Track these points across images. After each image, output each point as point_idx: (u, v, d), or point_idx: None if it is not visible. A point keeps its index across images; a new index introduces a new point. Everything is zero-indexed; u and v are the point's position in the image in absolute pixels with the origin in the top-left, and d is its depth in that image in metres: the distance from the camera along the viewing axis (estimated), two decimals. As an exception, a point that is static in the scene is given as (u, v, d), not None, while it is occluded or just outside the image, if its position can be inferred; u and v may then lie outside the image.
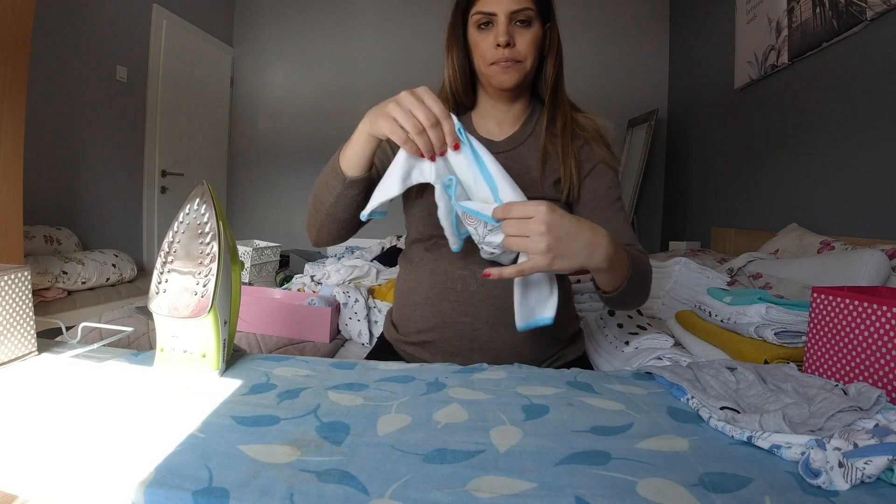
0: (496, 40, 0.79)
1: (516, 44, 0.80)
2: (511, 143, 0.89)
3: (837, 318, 0.62)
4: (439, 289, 0.85)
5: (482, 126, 0.91)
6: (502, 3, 0.79)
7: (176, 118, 3.54)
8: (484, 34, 0.81)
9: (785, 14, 2.16)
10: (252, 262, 2.25)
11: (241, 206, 4.30)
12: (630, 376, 0.67)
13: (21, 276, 0.63)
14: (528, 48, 0.81)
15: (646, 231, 3.71)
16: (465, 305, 0.84)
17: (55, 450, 0.41)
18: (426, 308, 0.86)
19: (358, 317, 1.37)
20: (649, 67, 3.73)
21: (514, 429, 0.48)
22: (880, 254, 1.31)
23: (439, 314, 0.85)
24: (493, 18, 0.80)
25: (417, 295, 0.88)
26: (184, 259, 0.59)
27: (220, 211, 0.60)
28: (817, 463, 0.39)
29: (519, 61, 0.81)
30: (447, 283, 0.85)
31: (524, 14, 0.80)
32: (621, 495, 0.37)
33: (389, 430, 0.48)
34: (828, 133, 1.95)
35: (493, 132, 0.90)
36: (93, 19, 2.84)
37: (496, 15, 0.79)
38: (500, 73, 0.82)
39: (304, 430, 0.47)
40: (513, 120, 0.91)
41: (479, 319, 0.84)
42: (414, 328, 0.88)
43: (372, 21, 4.03)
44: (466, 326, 0.84)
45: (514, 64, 0.81)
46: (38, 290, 2.23)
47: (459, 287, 0.84)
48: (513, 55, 0.80)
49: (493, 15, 0.79)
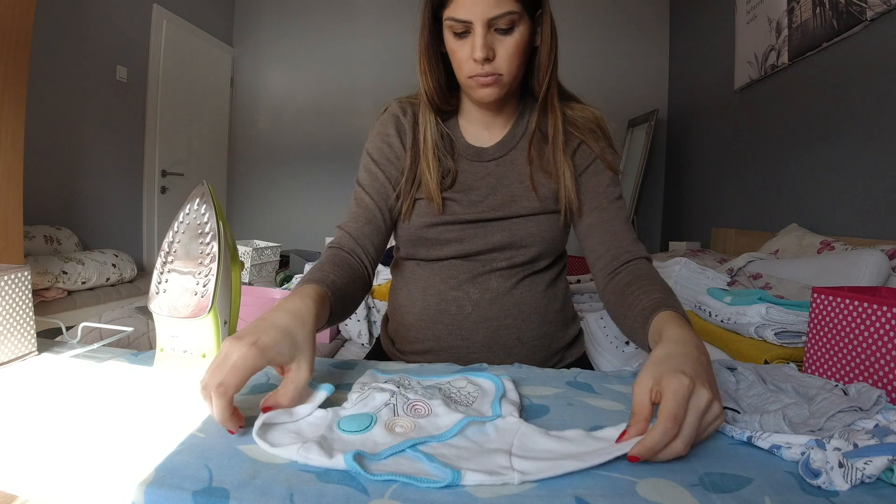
0: (472, 53, 0.69)
1: (496, 55, 0.70)
2: (502, 148, 0.82)
3: (837, 319, 0.62)
4: (433, 310, 0.81)
5: (470, 132, 0.83)
6: (478, 8, 0.67)
7: (176, 118, 3.54)
8: (460, 43, 0.71)
9: (785, 14, 2.16)
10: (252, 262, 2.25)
11: (241, 206, 4.31)
12: (630, 376, 0.67)
13: (21, 276, 0.63)
14: (509, 59, 0.70)
15: (646, 231, 3.72)
16: (459, 329, 0.80)
17: (55, 450, 0.41)
18: (420, 330, 0.82)
19: (358, 317, 1.37)
20: (649, 67, 3.73)
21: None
22: (880, 254, 1.31)
23: (433, 337, 0.81)
24: (468, 26, 0.68)
25: (411, 315, 0.84)
26: (184, 259, 0.59)
27: (220, 211, 0.60)
28: (817, 463, 0.39)
29: (500, 74, 0.71)
30: (440, 304, 0.81)
31: (505, 21, 0.68)
32: (621, 495, 0.37)
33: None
34: (828, 133, 1.95)
35: (481, 138, 0.83)
36: (93, 19, 2.84)
37: (472, 23, 0.68)
38: (478, 88, 0.73)
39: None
40: (503, 122, 0.83)
41: (475, 343, 0.81)
42: (409, 348, 0.85)
43: (372, 21, 4.03)
44: (462, 350, 0.81)
45: (494, 79, 0.71)
46: (38, 290, 2.23)
47: (454, 310, 0.81)
48: (493, 69, 0.70)
49: (468, 23, 0.68)
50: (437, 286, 0.82)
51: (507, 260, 0.80)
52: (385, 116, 0.84)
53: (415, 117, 0.82)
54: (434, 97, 0.78)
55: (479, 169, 0.82)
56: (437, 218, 0.79)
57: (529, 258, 0.80)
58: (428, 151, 0.79)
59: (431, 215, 0.79)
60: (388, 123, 0.82)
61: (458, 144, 0.83)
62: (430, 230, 0.80)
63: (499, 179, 0.81)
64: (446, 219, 0.79)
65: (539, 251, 0.80)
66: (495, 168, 0.82)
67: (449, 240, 0.80)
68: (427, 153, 0.79)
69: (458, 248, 0.80)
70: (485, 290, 0.80)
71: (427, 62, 0.76)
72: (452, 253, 0.80)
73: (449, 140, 0.82)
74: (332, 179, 4.11)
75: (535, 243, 0.80)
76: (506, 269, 0.81)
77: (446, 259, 0.81)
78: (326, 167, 4.12)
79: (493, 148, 0.82)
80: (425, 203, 0.80)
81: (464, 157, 0.82)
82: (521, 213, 0.79)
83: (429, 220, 0.79)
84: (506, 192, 0.80)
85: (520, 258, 0.80)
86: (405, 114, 0.82)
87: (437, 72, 0.77)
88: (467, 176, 0.81)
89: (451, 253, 0.80)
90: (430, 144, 0.79)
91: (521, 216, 0.79)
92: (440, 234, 0.80)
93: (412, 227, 0.80)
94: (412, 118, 0.82)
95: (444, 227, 0.79)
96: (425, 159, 0.79)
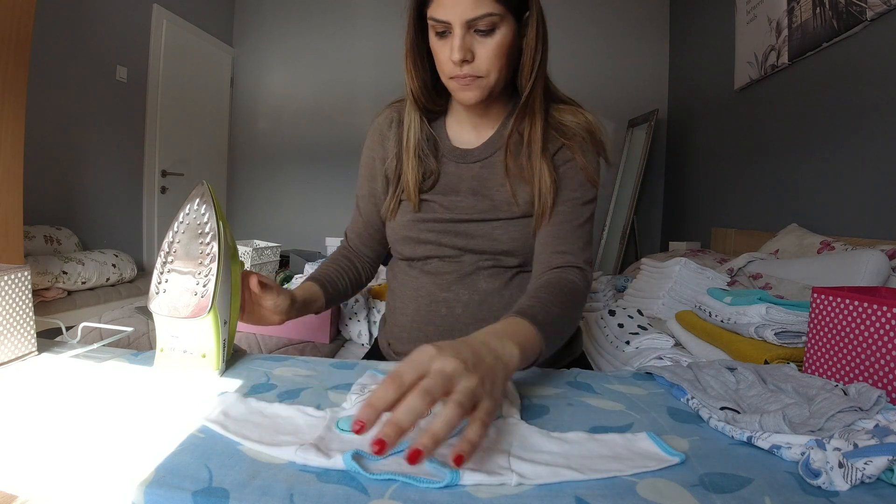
0: (451, 55, 0.68)
1: (476, 57, 0.68)
2: (488, 149, 0.80)
3: (838, 319, 0.62)
4: (424, 312, 0.82)
5: (457, 133, 0.82)
6: (457, 9, 0.65)
7: (176, 118, 3.53)
8: (441, 43, 0.70)
9: (785, 14, 2.16)
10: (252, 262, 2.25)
11: (241, 206, 4.30)
12: (630, 376, 0.67)
13: (21, 276, 0.63)
14: (490, 61, 0.69)
15: (646, 231, 3.71)
16: (450, 330, 0.81)
17: (55, 450, 0.41)
18: (412, 332, 0.83)
19: (358, 317, 1.37)
20: (649, 67, 3.73)
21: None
22: (880, 254, 1.31)
23: (425, 338, 0.81)
24: (448, 27, 0.67)
25: (404, 317, 0.84)
26: (184, 259, 0.58)
27: (219, 211, 0.60)
28: (817, 463, 0.39)
29: (480, 77, 0.70)
30: (431, 305, 0.82)
31: (484, 22, 0.66)
32: (621, 495, 0.37)
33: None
34: (828, 133, 1.95)
35: (468, 140, 0.82)
36: (93, 19, 2.84)
37: (451, 24, 0.67)
38: (459, 89, 0.72)
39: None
40: (491, 122, 0.81)
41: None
42: (403, 349, 0.85)
43: (372, 21, 4.03)
44: None
45: (474, 80, 0.70)
46: (38, 290, 2.23)
47: (444, 311, 0.81)
48: (472, 71, 0.69)
49: (447, 23, 0.67)
50: (428, 287, 0.82)
51: (492, 260, 0.80)
52: (373, 127, 0.87)
53: (401, 120, 0.83)
54: (420, 97, 0.77)
55: (464, 171, 0.81)
56: (416, 216, 0.81)
57: (515, 263, 0.80)
58: (409, 151, 0.80)
59: (411, 213, 0.81)
60: (375, 135, 0.86)
61: (442, 146, 0.82)
62: (410, 228, 0.81)
63: (482, 182, 0.80)
64: (424, 216, 0.80)
65: (522, 254, 0.79)
66: (480, 170, 0.81)
67: (428, 239, 0.80)
68: (409, 152, 0.80)
69: (436, 248, 0.81)
70: (473, 291, 0.81)
71: (412, 61, 0.75)
72: (432, 252, 0.81)
73: (434, 141, 0.82)
74: (332, 179, 4.11)
75: (517, 246, 0.78)
76: (491, 268, 0.80)
77: (429, 258, 0.82)
78: (326, 167, 4.12)
79: (478, 149, 0.81)
80: (407, 203, 0.82)
81: (448, 158, 0.82)
82: (501, 216, 0.78)
83: (409, 218, 0.81)
84: (488, 194, 0.79)
85: (505, 260, 0.80)
86: (391, 122, 0.84)
87: (423, 71, 0.76)
88: (451, 178, 0.81)
89: (431, 252, 0.81)
90: (412, 144, 0.79)
91: (503, 219, 0.78)
92: (419, 234, 0.81)
93: (396, 226, 0.83)
94: (398, 122, 0.83)
95: (423, 224, 0.80)
96: (406, 159, 0.80)
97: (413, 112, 0.80)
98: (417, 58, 0.75)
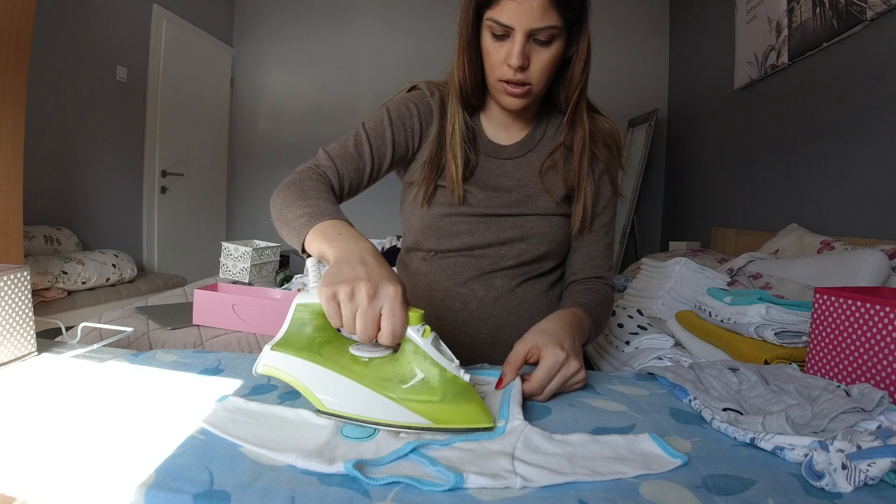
0: (508, 59, 0.69)
1: (530, 65, 0.70)
2: (521, 148, 0.84)
3: (840, 319, 0.61)
4: (437, 306, 0.83)
5: (490, 130, 0.85)
6: (523, 17, 0.66)
7: (176, 118, 3.53)
8: (497, 45, 0.71)
9: (785, 14, 2.16)
10: (252, 262, 2.25)
11: (241, 206, 4.30)
12: (632, 377, 0.66)
13: (21, 276, 0.63)
14: (542, 72, 0.71)
15: (646, 231, 3.71)
16: (463, 325, 0.82)
17: (55, 451, 0.41)
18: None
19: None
20: (649, 67, 3.73)
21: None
22: (880, 254, 1.31)
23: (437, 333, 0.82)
24: (509, 31, 0.68)
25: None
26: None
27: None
28: (820, 465, 0.39)
29: (529, 84, 0.72)
30: (445, 300, 0.83)
31: (545, 34, 0.68)
32: (624, 497, 0.37)
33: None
34: (828, 133, 1.95)
35: (500, 137, 0.85)
36: (93, 19, 2.83)
37: (513, 30, 0.68)
38: (505, 94, 0.73)
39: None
40: (522, 125, 0.84)
41: (478, 340, 0.83)
42: None
43: (372, 21, 4.03)
44: (465, 347, 0.82)
45: (522, 87, 0.72)
46: (38, 290, 2.23)
47: (458, 306, 0.82)
48: (524, 78, 0.71)
49: (509, 28, 0.68)
50: (443, 282, 0.83)
51: (515, 258, 0.82)
52: (416, 93, 0.84)
53: (442, 104, 0.83)
54: (467, 92, 0.79)
55: (497, 166, 0.84)
56: (455, 209, 0.81)
57: (537, 256, 0.82)
58: (455, 142, 0.80)
59: (449, 205, 0.81)
60: (419, 100, 0.83)
61: (480, 139, 0.84)
62: (445, 220, 0.81)
63: (515, 179, 0.83)
64: (463, 210, 0.81)
65: (547, 249, 0.82)
66: (512, 168, 0.83)
67: (461, 231, 0.81)
68: (454, 143, 0.80)
69: (469, 240, 0.81)
70: (489, 288, 0.82)
71: (467, 58, 0.76)
72: (462, 245, 0.82)
73: (472, 133, 0.83)
74: (331, 179, 4.09)
75: (545, 241, 0.82)
76: (512, 267, 0.82)
77: (455, 251, 0.82)
78: (326, 167, 4.11)
79: (512, 148, 0.84)
80: (447, 192, 0.81)
81: (484, 152, 0.84)
82: (535, 211, 0.81)
83: (446, 210, 0.81)
84: (521, 191, 0.82)
85: (527, 255, 0.82)
86: (433, 96, 0.83)
87: (476, 68, 0.77)
88: (485, 171, 0.83)
89: (461, 245, 0.82)
90: (458, 136, 0.80)
91: (536, 214, 0.81)
92: (453, 225, 0.81)
93: (429, 215, 0.82)
94: (440, 105, 0.83)
95: (460, 217, 0.81)
96: (451, 149, 0.80)
97: (456, 104, 0.81)
98: (472, 55, 0.76)
